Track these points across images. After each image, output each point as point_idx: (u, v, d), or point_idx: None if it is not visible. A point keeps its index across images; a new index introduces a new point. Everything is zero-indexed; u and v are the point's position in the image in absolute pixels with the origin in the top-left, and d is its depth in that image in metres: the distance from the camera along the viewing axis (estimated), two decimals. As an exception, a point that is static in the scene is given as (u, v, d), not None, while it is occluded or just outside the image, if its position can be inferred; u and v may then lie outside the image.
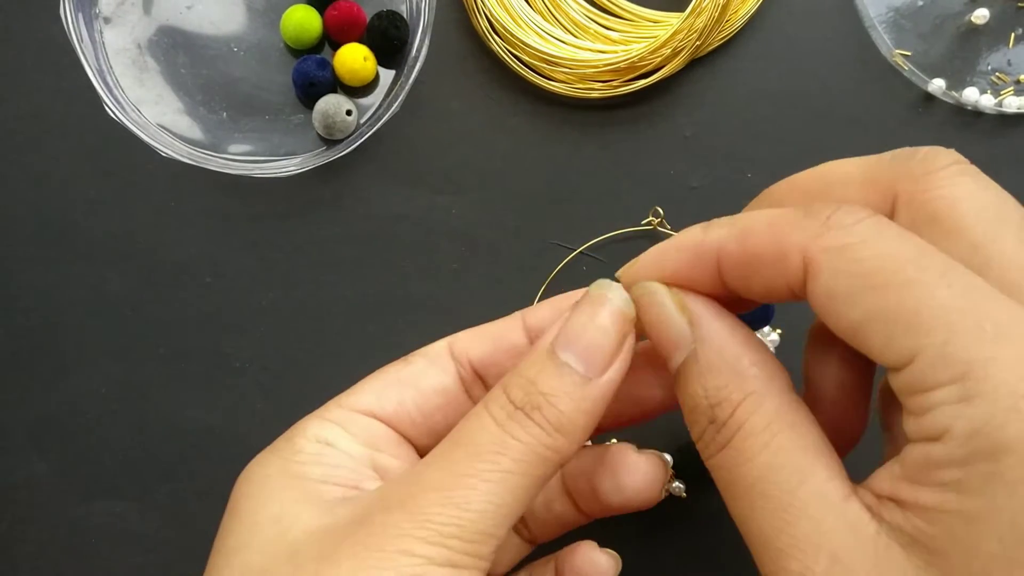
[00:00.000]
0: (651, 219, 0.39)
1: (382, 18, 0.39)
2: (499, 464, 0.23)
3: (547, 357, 0.24)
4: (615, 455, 0.29)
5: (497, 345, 0.29)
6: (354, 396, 0.28)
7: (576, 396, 0.24)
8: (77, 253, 0.40)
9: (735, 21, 0.39)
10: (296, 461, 0.26)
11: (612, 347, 0.25)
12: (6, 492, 0.39)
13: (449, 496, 0.23)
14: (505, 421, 0.24)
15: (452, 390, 0.29)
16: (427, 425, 0.29)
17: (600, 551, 0.30)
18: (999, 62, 0.39)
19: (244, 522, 0.25)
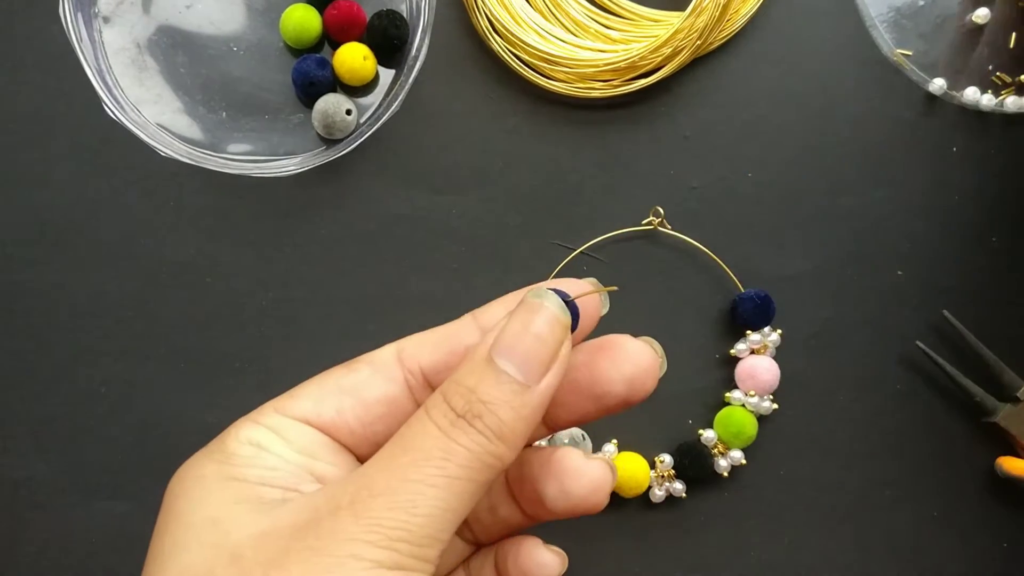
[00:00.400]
0: (651, 219, 0.39)
1: (382, 17, 0.38)
2: (445, 470, 0.24)
3: (485, 365, 0.25)
4: (561, 460, 0.29)
5: (450, 349, 0.28)
6: (291, 401, 0.28)
7: (516, 404, 0.24)
8: (77, 253, 0.40)
9: (736, 21, 0.39)
10: (231, 464, 0.26)
11: (549, 354, 0.25)
12: (8, 491, 0.39)
13: (397, 501, 0.23)
14: (448, 428, 0.24)
15: (398, 399, 0.28)
16: (366, 435, 0.28)
17: (545, 548, 0.30)
18: (1000, 62, 0.39)
19: (179, 523, 0.25)
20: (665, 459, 0.38)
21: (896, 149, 0.40)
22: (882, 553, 0.39)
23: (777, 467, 0.39)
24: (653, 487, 0.38)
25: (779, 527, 0.39)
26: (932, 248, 0.39)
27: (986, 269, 0.39)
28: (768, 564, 0.39)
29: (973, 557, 0.39)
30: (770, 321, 0.39)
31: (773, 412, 0.38)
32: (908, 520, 0.39)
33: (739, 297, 0.39)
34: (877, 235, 0.40)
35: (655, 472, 0.38)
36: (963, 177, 0.40)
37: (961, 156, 0.39)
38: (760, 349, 0.39)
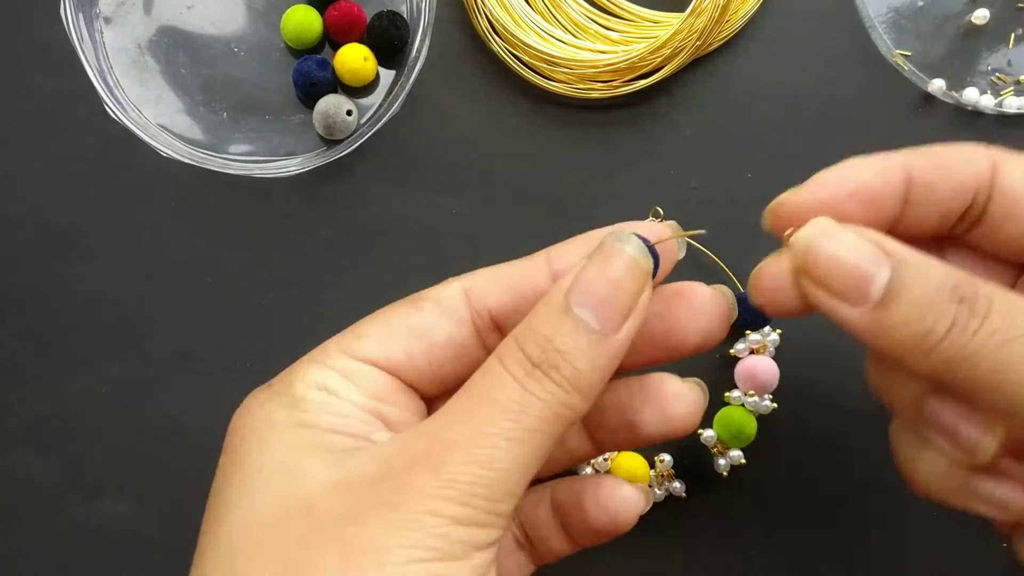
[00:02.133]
0: (651, 219, 0.39)
1: (382, 18, 0.39)
2: (521, 423, 0.23)
3: (562, 312, 0.24)
4: (659, 385, 0.28)
5: (521, 292, 0.27)
6: (358, 342, 0.27)
7: (593, 354, 0.23)
8: (77, 253, 0.40)
9: (735, 21, 0.39)
10: (302, 409, 0.25)
11: (628, 302, 0.24)
12: (6, 492, 0.39)
13: (473, 455, 0.22)
14: (524, 379, 0.23)
15: (466, 341, 0.27)
16: (435, 377, 0.27)
17: (628, 484, 0.29)
18: (999, 62, 0.39)
19: (249, 468, 0.24)
20: (665, 458, 0.38)
21: (896, 148, 0.40)
22: (882, 553, 0.39)
23: (777, 467, 0.39)
24: (652, 486, 0.38)
25: (779, 527, 0.39)
26: (932, 248, 0.39)
27: (986, 269, 0.39)
28: (768, 564, 0.39)
29: (973, 557, 0.39)
30: (770, 321, 0.39)
31: (773, 412, 0.38)
32: (908, 520, 0.39)
33: (739, 297, 0.39)
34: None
35: (654, 471, 0.38)
36: (962, 177, 0.40)
37: (960, 156, 0.40)
38: (760, 349, 0.39)
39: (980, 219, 0.27)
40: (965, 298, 0.22)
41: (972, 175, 0.26)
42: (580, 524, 0.28)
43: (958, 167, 0.26)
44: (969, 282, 0.23)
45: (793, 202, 0.27)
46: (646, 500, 0.29)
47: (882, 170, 0.26)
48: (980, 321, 0.22)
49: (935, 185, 0.26)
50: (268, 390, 0.26)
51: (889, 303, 0.23)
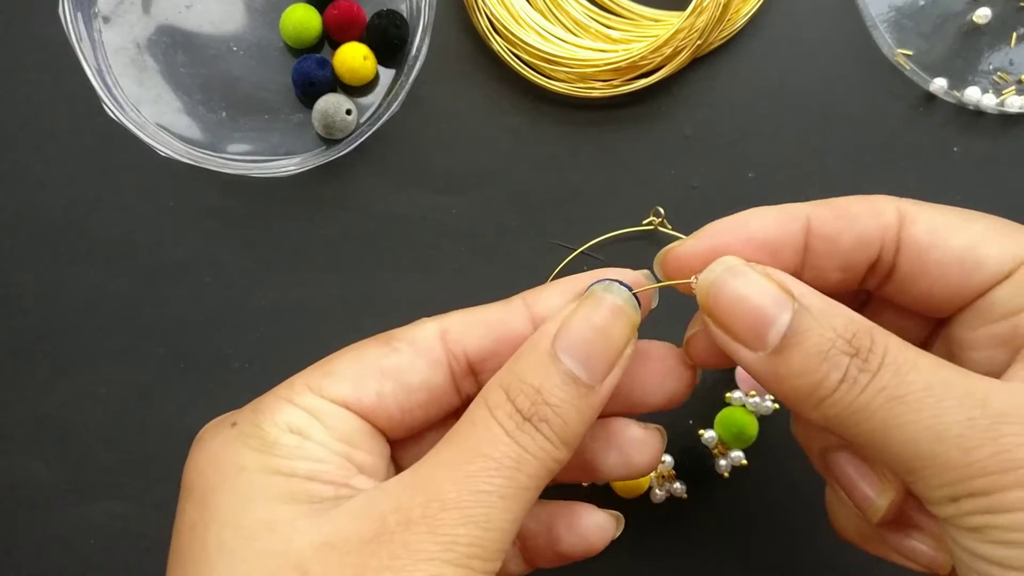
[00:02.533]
0: (652, 219, 0.39)
1: (382, 17, 0.38)
2: (517, 480, 0.22)
3: (549, 361, 0.23)
4: (621, 431, 0.28)
5: (500, 337, 0.26)
6: (328, 380, 0.25)
7: (581, 406, 0.23)
8: (76, 253, 0.40)
9: (736, 20, 0.39)
10: (274, 454, 0.23)
11: (614, 352, 0.24)
12: (6, 492, 0.39)
13: (470, 515, 0.22)
14: (516, 433, 0.23)
15: (441, 386, 0.26)
16: (404, 421, 0.26)
17: (601, 511, 0.29)
18: (1001, 62, 0.39)
19: (224, 526, 0.23)
20: (666, 459, 0.38)
21: (896, 149, 0.39)
22: (883, 554, 0.39)
23: (778, 467, 0.39)
24: (653, 488, 0.38)
25: (780, 527, 0.39)
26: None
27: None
28: (769, 564, 0.39)
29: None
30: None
31: (774, 412, 0.38)
32: (909, 520, 0.39)
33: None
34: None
35: (655, 472, 0.38)
36: (964, 177, 0.39)
37: (962, 156, 0.39)
38: (761, 349, 0.39)
39: (891, 274, 0.26)
40: (860, 351, 0.22)
41: (877, 227, 0.25)
42: (545, 549, 0.28)
43: (862, 219, 0.25)
44: (867, 332, 0.22)
45: (684, 250, 0.26)
46: (618, 526, 0.29)
47: (780, 219, 0.25)
48: (870, 376, 0.22)
49: (837, 237, 0.25)
50: (232, 429, 0.24)
51: (785, 351, 0.22)
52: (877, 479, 0.25)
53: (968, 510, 0.21)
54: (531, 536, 0.28)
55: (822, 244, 0.25)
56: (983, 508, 0.20)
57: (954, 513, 0.21)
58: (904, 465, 0.21)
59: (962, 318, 0.25)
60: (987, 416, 0.21)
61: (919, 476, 0.21)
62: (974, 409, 0.21)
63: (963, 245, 0.24)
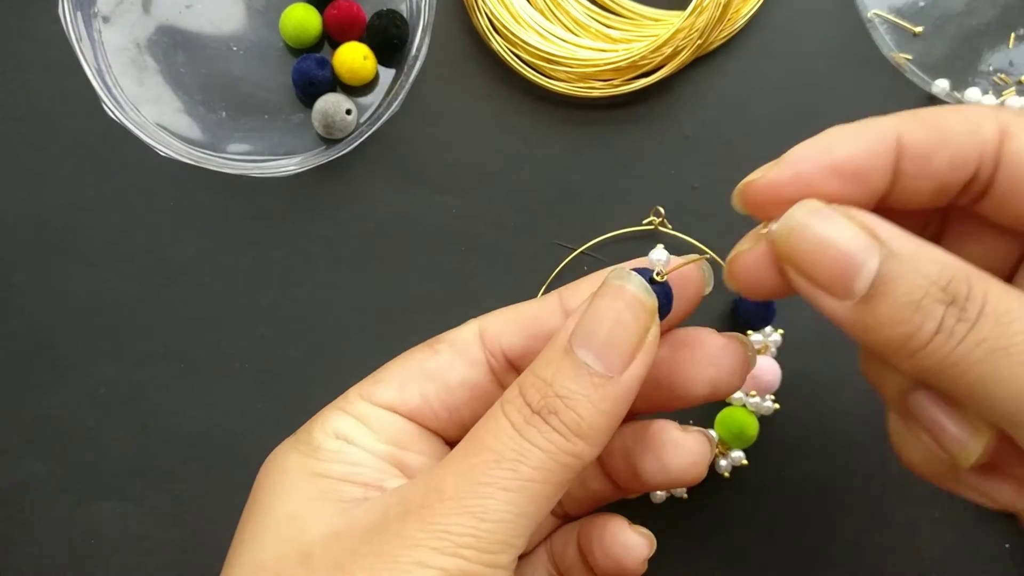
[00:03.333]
0: (652, 219, 0.39)
1: (382, 17, 0.38)
2: (518, 472, 0.22)
3: (563, 355, 0.23)
4: (657, 433, 0.27)
5: (533, 333, 0.27)
6: (376, 387, 0.27)
7: (595, 398, 0.23)
8: (76, 253, 0.40)
9: (736, 20, 0.39)
10: (316, 458, 0.25)
11: (632, 342, 0.23)
12: (6, 492, 0.39)
13: (466, 505, 0.22)
14: (523, 426, 0.23)
15: (481, 382, 0.27)
16: (452, 419, 0.27)
17: (631, 529, 0.28)
18: (1000, 62, 0.39)
19: (261, 516, 0.25)
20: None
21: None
22: (882, 553, 0.39)
23: (778, 467, 0.39)
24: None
25: (780, 527, 0.39)
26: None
27: (987, 269, 0.39)
28: (769, 564, 0.39)
29: (973, 557, 0.39)
30: (771, 321, 0.39)
31: (774, 412, 0.38)
32: (909, 521, 0.39)
33: (740, 297, 0.39)
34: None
35: (655, 472, 0.38)
36: (964, 177, 0.39)
37: (962, 156, 0.39)
38: (761, 349, 0.39)
39: (986, 191, 0.24)
40: (956, 299, 0.21)
41: (974, 144, 0.23)
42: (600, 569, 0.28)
43: (958, 135, 0.23)
44: (964, 279, 0.21)
45: (767, 181, 0.24)
46: (650, 545, 0.28)
47: (869, 141, 0.23)
48: (969, 327, 0.20)
49: (931, 156, 0.23)
50: (292, 438, 0.26)
51: (874, 300, 0.21)
52: (968, 421, 0.23)
53: None
54: (589, 553, 0.28)
55: (913, 165, 0.23)
56: None
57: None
58: (1009, 419, 0.20)
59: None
60: None
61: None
62: None
63: None
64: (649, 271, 0.24)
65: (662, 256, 0.25)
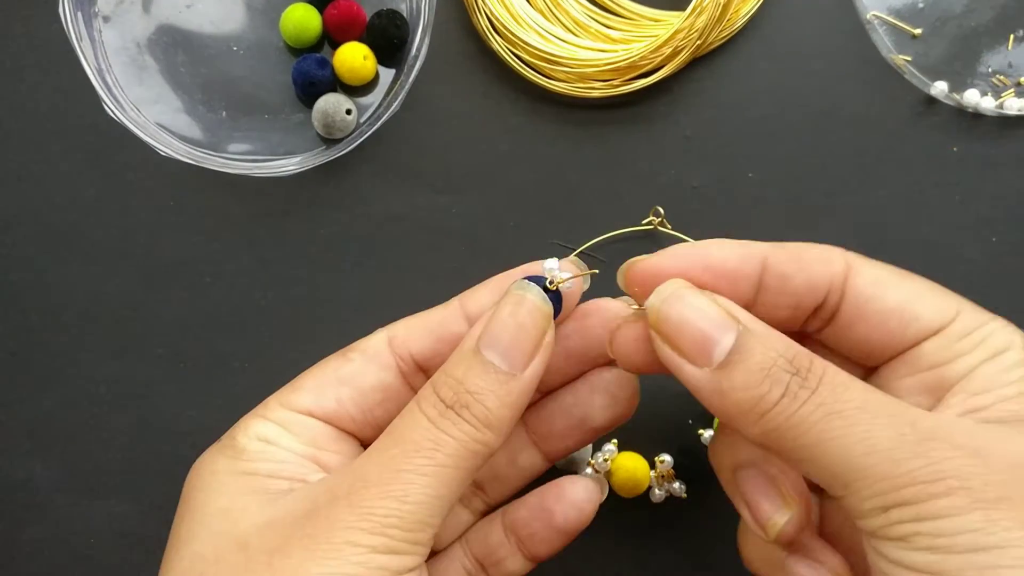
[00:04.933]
0: (651, 219, 0.39)
1: (382, 17, 0.38)
2: (434, 459, 0.25)
3: (472, 356, 0.26)
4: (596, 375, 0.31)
5: (439, 336, 0.30)
6: (293, 395, 0.29)
7: (500, 392, 0.26)
8: (76, 253, 0.40)
9: (736, 21, 0.39)
10: (242, 459, 0.27)
11: (533, 344, 0.27)
12: (7, 492, 0.39)
13: (389, 490, 0.24)
14: (437, 419, 0.26)
15: (392, 385, 0.30)
16: (367, 420, 0.29)
17: (585, 478, 0.31)
18: (999, 64, 0.39)
19: (195, 514, 0.27)
20: (665, 459, 0.38)
21: (896, 149, 0.40)
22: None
23: (777, 467, 0.39)
24: (653, 487, 0.38)
25: (779, 527, 0.39)
26: (932, 248, 0.39)
27: (986, 269, 0.39)
28: (768, 564, 0.39)
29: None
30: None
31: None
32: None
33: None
34: (877, 235, 0.40)
35: (655, 472, 0.38)
36: (963, 177, 0.40)
37: (961, 157, 0.39)
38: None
39: (832, 318, 0.28)
40: (800, 370, 0.24)
41: (826, 273, 0.27)
42: (543, 530, 0.31)
43: (814, 263, 0.27)
44: (806, 355, 0.24)
45: (650, 264, 0.28)
46: (602, 489, 0.33)
47: (740, 253, 0.27)
48: (809, 393, 0.24)
49: (790, 277, 0.27)
50: (217, 445, 0.29)
51: (730, 367, 0.24)
52: (780, 497, 0.28)
53: (896, 519, 0.22)
54: (525, 524, 0.31)
55: (775, 282, 0.27)
56: (911, 516, 0.22)
57: (883, 524, 0.22)
58: (838, 478, 0.23)
59: (892, 366, 0.27)
60: (916, 433, 0.23)
61: (852, 489, 0.23)
62: (904, 427, 0.23)
63: (901, 299, 0.27)
64: (543, 279, 0.28)
65: (554, 266, 0.28)
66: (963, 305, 0.26)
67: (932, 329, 0.26)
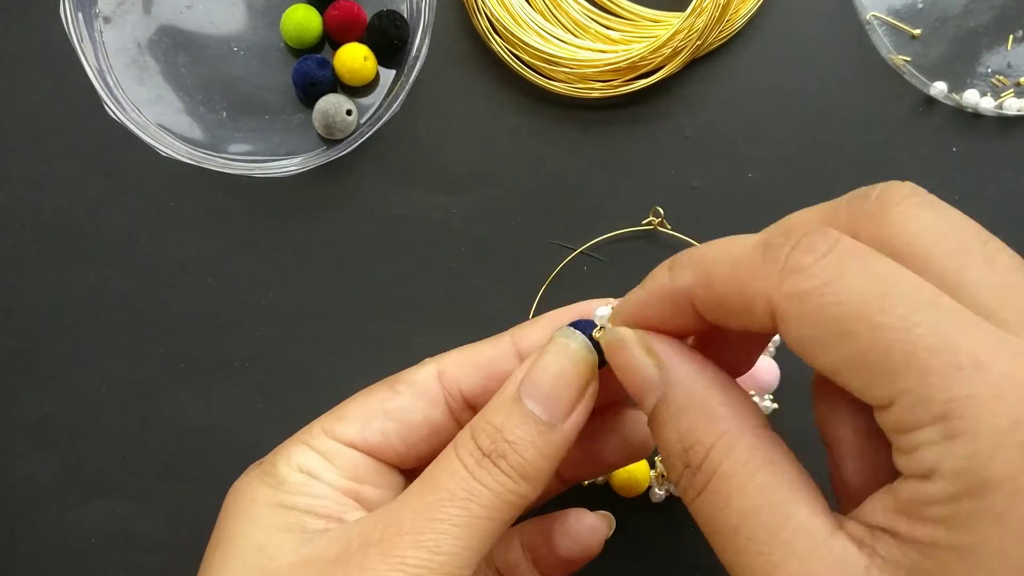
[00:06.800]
0: (651, 219, 0.39)
1: (382, 17, 0.38)
2: (469, 510, 0.24)
3: (512, 403, 0.26)
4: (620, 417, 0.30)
5: (489, 374, 0.29)
6: (339, 424, 0.29)
7: (539, 443, 0.25)
8: (77, 253, 0.40)
9: (735, 21, 0.39)
10: (282, 490, 0.27)
11: (574, 395, 0.26)
12: (6, 492, 0.39)
13: (421, 540, 0.24)
14: (474, 468, 0.25)
15: (440, 421, 0.29)
16: (410, 455, 0.29)
17: (593, 513, 0.31)
18: (998, 64, 0.39)
19: (229, 545, 0.26)
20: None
21: (896, 150, 0.40)
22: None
23: (777, 467, 0.39)
24: (653, 487, 0.38)
25: (779, 527, 0.39)
26: (931, 249, 0.40)
27: (985, 270, 0.39)
28: (768, 564, 0.39)
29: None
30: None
31: (773, 412, 0.39)
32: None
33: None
34: (876, 235, 0.40)
35: (655, 472, 0.38)
36: (963, 178, 0.40)
37: (961, 157, 0.40)
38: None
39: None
40: (691, 464, 0.23)
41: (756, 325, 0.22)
42: (551, 557, 0.31)
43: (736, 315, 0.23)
44: (703, 448, 0.22)
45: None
46: (609, 526, 0.32)
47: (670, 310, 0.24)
48: (696, 493, 0.23)
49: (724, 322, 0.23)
50: (258, 468, 0.28)
51: (652, 425, 0.24)
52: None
53: None
54: (536, 548, 0.31)
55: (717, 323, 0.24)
56: None
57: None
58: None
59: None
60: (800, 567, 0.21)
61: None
62: (775, 568, 0.21)
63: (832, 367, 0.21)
64: (592, 325, 0.26)
65: (606, 313, 0.26)
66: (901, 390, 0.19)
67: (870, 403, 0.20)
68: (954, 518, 0.19)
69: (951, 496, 0.19)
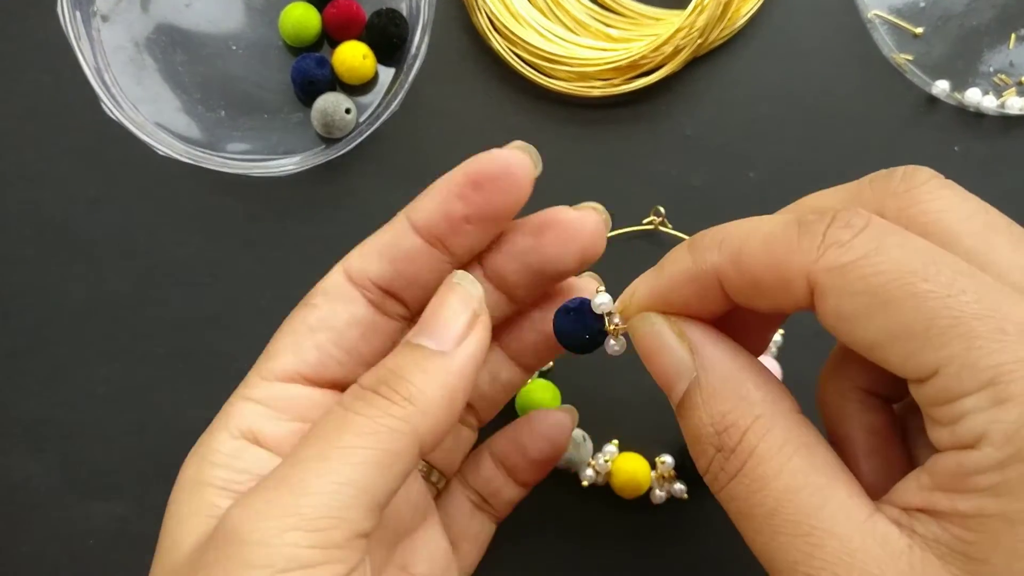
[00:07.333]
0: (652, 218, 0.39)
1: (381, 16, 0.38)
2: (339, 441, 0.23)
3: (402, 346, 0.25)
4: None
5: (393, 257, 0.28)
6: (272, 362, 0.27)
7: (428, 367, 0.24)
8: (75, 252, 0.39)
9: (736, 20, 0.39)
10: (209, 461, 0.26)
11: (463, 324, 0.25)
12: (6, 492, 0.39)
13: (288, 486, 0.22)
14: (350, 403, 0.24)
15: (367, 316, 0.28)
16: (354, 360, 0.28)
17: (555, 409, 0.32)
18: (1001, 63, 0.39)
19: (165, 529, 0.25)
20: (666, 460, 0.38)
21: (898, 149, 0.40)
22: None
23: (777, 467, 0.39)
24: (654, 488, 0.38)
25: (779, 527, 0.39)
26: (933, 248, 0.39)
27: (986, 269, 0.39)
28: (768, 564, 0.39)
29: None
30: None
31: (773, 412, 0.38)
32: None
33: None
34: (878, 235, 0.39)
35: (656, 473, 0.38)
36: (964, 178, 0.39)
37: (962, 157, 0.39)
38: (760, 349, 0.39)
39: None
40: (724, 448, 0.22)
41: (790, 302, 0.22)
42: (523, 463, 0.32)
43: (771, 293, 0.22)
44: (739, 430, 0.22)
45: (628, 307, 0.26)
46: (572, 418, 0.33)
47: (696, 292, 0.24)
48: (728, 478, 0.22)
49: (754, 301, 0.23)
50: (201, 439, 0.27)
51: (681, 412, 0.23)
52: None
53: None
54: (507, 457, 0.32)
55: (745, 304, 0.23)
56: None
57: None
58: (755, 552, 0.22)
59: None
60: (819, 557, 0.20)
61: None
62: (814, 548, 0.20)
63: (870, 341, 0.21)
64: (585, 302, 0.26)
65: (605, 300, 0.26)
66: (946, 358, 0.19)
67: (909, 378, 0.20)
68: (1002, 485, 0.18)
69: (999, 463, 0.18)
